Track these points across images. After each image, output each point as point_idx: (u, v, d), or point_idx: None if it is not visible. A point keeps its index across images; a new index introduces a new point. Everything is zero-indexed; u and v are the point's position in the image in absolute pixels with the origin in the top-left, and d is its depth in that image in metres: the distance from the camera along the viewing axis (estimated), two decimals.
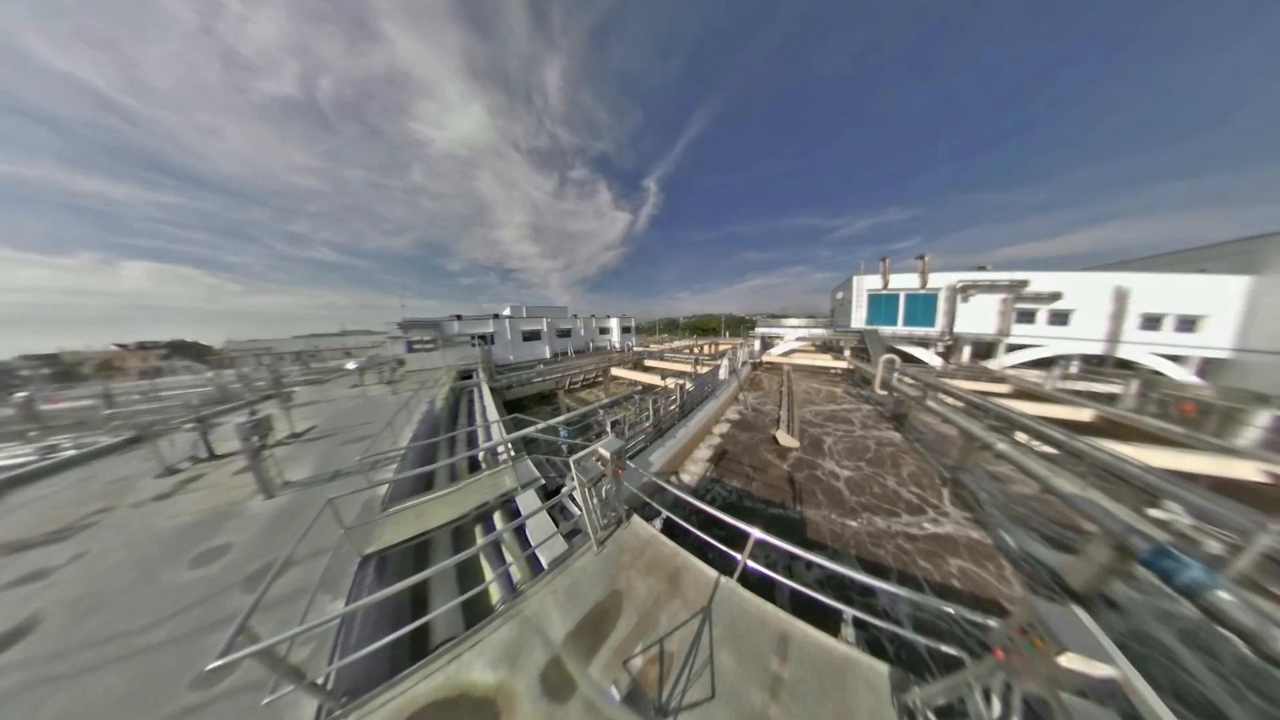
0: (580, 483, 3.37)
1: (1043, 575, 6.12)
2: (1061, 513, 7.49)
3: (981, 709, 1.74)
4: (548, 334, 28.76)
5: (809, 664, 2.54)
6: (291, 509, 4.64)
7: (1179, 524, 5.02)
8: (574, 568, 3.42)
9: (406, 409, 8.79)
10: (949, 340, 22.01)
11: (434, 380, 14.86)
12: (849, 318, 25.63)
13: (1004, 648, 1.65)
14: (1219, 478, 7.88)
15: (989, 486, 9.01)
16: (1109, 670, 1.36)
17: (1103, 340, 18.89)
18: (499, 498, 4.79)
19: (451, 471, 6.30)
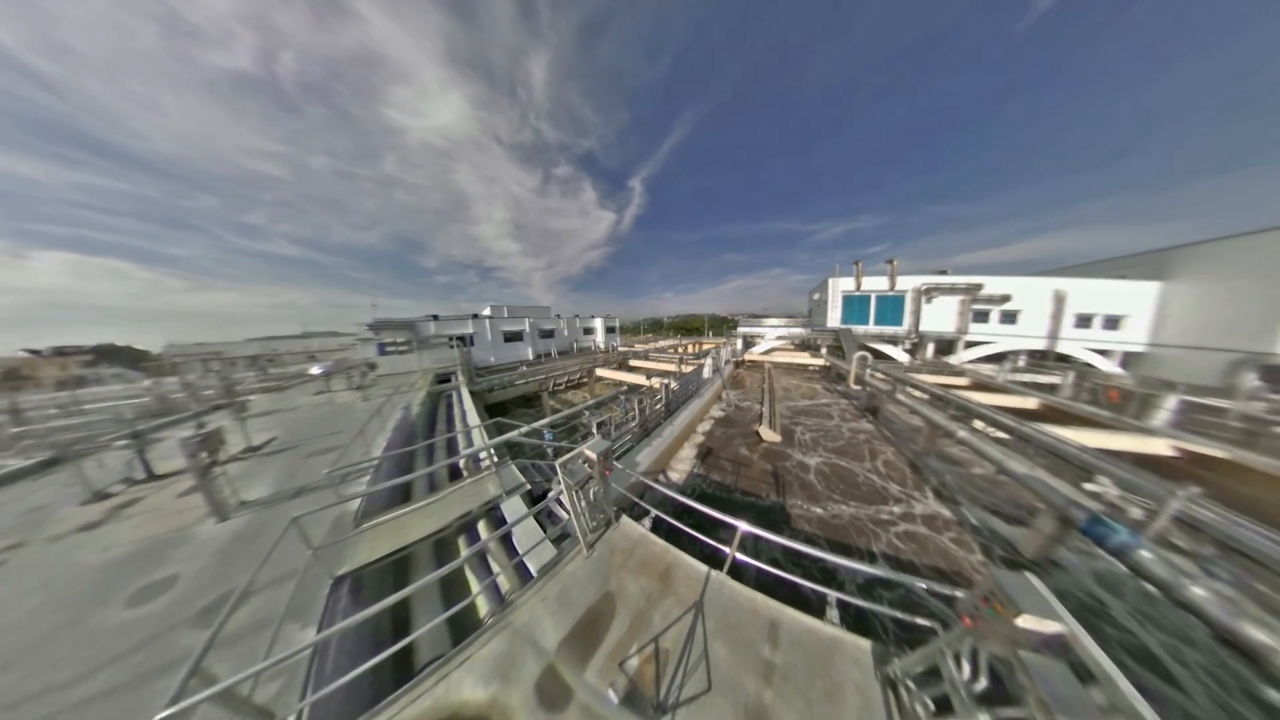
0: (567, 486, 3.31)
1: (1000, 547, 6.73)
2: (1014, 491, 8.24)
3: (954, 673, 1.89)
4: (530, 334, 28.03)
5: (799, 648, 2.64)
6: (250, 531, 4.25)
7: (1109, 495, 5.68)
8: (564, 573, 3.36)
9: (379, 416, 8.27)
10: (915, 338, 23.86)
11: (409, 384, 14.07)
12: (825, 318, 27.11)
13: (970, 615, 1.79)
14: (1139, 454, 8.95)
15: (952, 470, 9.77)
16: (1058, 627, 1.51)
17: (1045, 337, 21.37)
18: (483, 506, 4.62)
19: (431, 481, 6.02)
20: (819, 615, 2.93)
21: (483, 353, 24.62)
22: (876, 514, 7.93)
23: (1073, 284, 20.79)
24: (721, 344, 28.92)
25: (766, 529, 3.16)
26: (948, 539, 7.08)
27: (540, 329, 29.43)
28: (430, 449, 7.52)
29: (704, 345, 36.78)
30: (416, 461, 6.99)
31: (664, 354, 26.90)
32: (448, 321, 23.29)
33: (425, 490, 5.62)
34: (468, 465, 6.30)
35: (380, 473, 5.59)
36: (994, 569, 1.75)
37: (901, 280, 24.30)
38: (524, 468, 6.02)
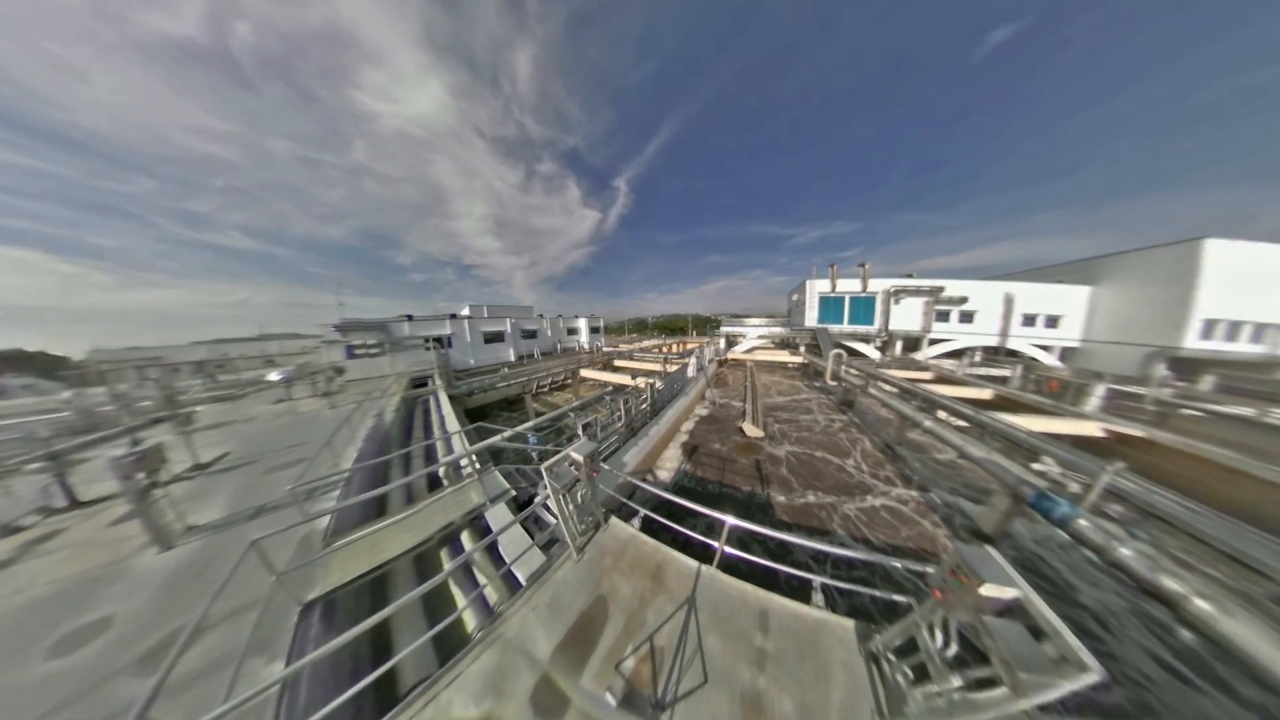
0: (554, 490, 3.24)
1: (963, 524, 7.31)
2: (973, 473, 8.93)
3: (928, 642, 2.05)
4: (512, 335, 27.13)
5: (788, 633, 2.73)
6: (200, 560, 3.85)
7: (1052, 473, 6.33)
8: (554, 579, 3.29)
9: (349, 425, 7.73)
10: (885, 336, 25.50)
11: (381, 390, 13.24)
12: (803, 317, 28.33)
13: (940, 588, 1.94)
14: (1075, 435, 9.98)
15: (919, 456, 10.49)
16: (1015, 592, 1.66)
17: (997, 334, 23.78)
18: (465, 515, 4.44)
19: (408, 492, 5.73)
20: (805, 600, 3.05)
21: (462, 355, 23.60)
22: (854, 501, 8.38)
23: (1020, 287, 23.44)
24: (705, 343, 29.45)
25: (753, 521, 3.25)
26: (918, 520, 7.62)
27: (522, 329, 28.60)
28: (406, 458, 7.14)
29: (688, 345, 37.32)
30: (392, 472, 6.62)
31: (649, 354, 27.00)
32: (423, 322, 22.12)
33: (402, 502, 5.32)
34: (448, 474, 6.04)
35: (351, 486, 5.24)
36: (958, 545, 1.90)
37: (872, 283, 25.98)
38: (508, 473, 5.84)
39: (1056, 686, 1.44)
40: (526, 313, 31.12)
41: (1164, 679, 4.30)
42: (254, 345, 28.46)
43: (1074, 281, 22.58)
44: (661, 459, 10.15)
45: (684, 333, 62.53)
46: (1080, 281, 22.38)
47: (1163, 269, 18.77)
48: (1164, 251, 18.62)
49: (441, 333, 22.42)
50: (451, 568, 2.80)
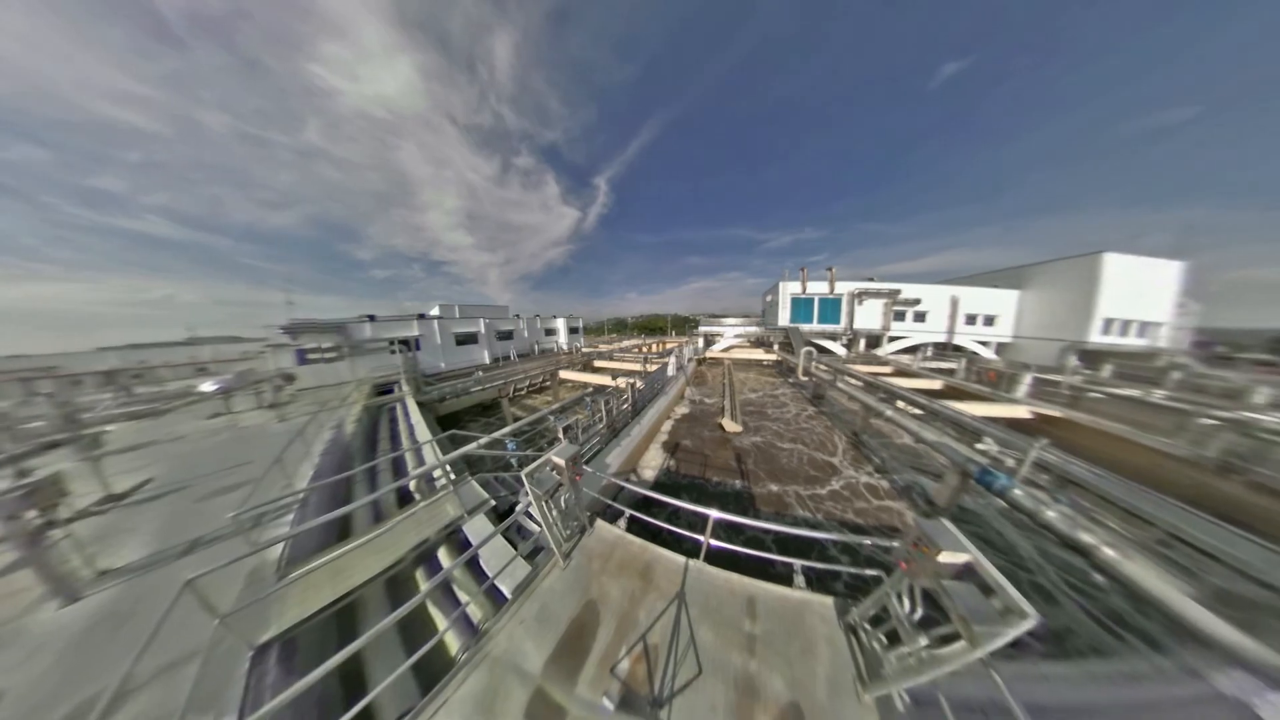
0: (536, 496, 3.13)
1: (922, 501, 8.02)
2: (929, 455, 9.81)
3: (897, 609, 2.23)
4: (486, 336, 25.65)
5: (774, 616, 2.85)
6: (119, 611, 3.30)
7: (992, 451, 7.11)
8: (541, 589, 3.19)
9: (302, 439, 7.01)
10: (850, 335, 27.57)
11: (340, 399, 12.08)
12: (776, 317, 29.95)
13: (905, 559, 2.12)
14: (1010, 418, 11.33)
15: (883, 442, 11.37)
16: (966, 557, 1.86)
17: (945, 332, 26.76)
18: (441, 531, 4.18)
19: (375, 510, 5.29)
20: (788, 583, 3.20)
21: (431, 358, 22.11)
22: (828, 486, 8.93)
23: (963, 291, 26.56)
24: (684, 342, 29.94)
25: (736, 513, 3.37)
26: (883, 500, 8.26)
27: (497, 330, 27.21)
28: (372, 473, 6.57)
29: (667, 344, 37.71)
30: (355, 489, 6.07)
31: (629, 354, 26.96)
32: (388, 323, 20.34)
33: (369, 522, 4.92)
34: (419, 487, 5.65)
35: (308, 508, 4.76)
36: (918, 519, 2.09)
37: (839, 285, 28.18)
38: (486, 482, 5.56)
39: (1004, 634, 1.62)
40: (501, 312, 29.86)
41: (1080, 615, 5.11)
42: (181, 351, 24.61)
43: (1006, 286, 26.03)
44: (645, 458, 10.17)
45: (664, 332, 63.17)
46: (1011, 286, 25.80)
47: (1072, 276, 22.49)
48: (1073, 262, 22.31)
49: (409, 334, 20.83)
50: (429, 588, 2.62)
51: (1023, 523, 6.34)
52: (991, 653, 1.69)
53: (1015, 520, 6.96)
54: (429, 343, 21.94)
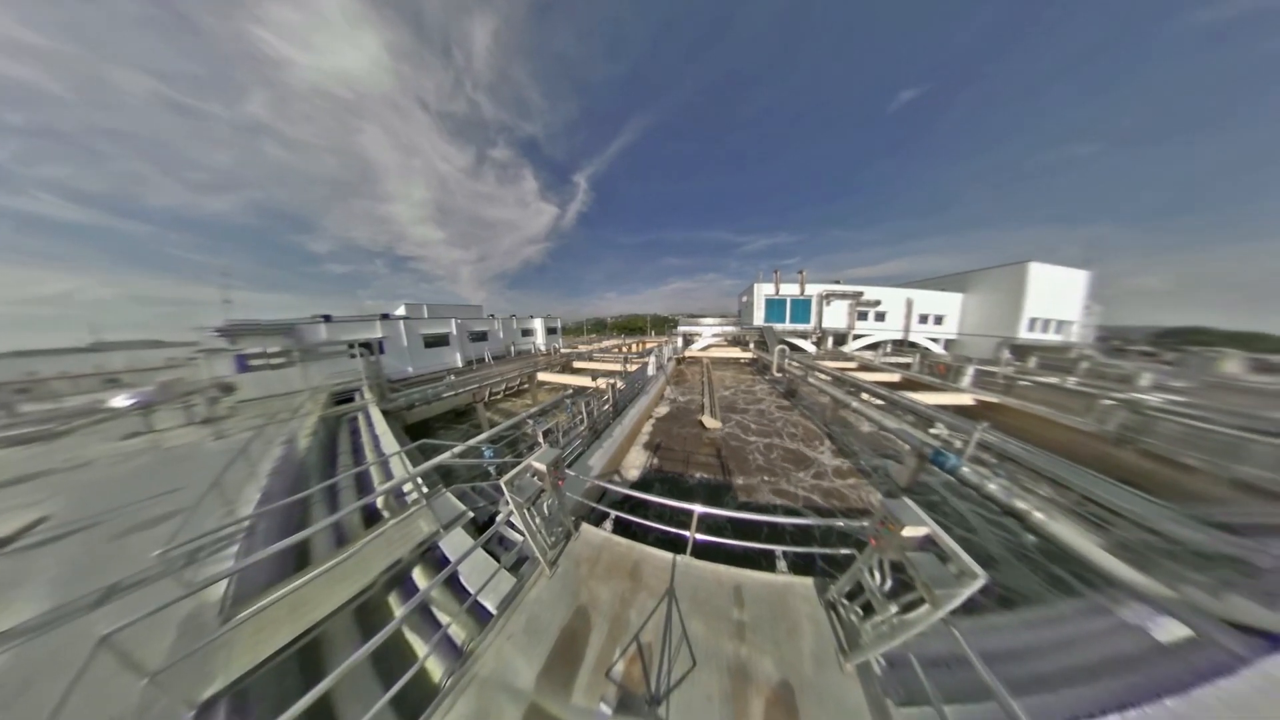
0: (517, 505, 3.01)
1: (886, 482, 8.69)
2: (891, 441, 10.62)
3: (870, 582, 2.41)
4: (458, 338, 23.95)
5: (760, 601, 2.96)
6: (6, 685, 2.75)
7: (943, 435, 7.87)
8: (528, 600, 3.09)
9: (246, 458, 6.21)
10: (819, 333, 29.53)
11: (291, 410, 10.85)
12: (752, 317, 31.48)
13: (874, 536, 2.30)
14: (957, 405, 12.65)
15: (850, 431, 12.21)
16: (926, 529, 2.04)
17: (902, 330, 29.71)
18: (416, 549, 3.90)
19: (338, 533, 4.85)
20: (771, 569, 3.33)
21: (398, 361, 20.46)
22: (802, 474, 9.40)
23: (917, 294, 29.59)
24: (664, 342, 30.24)
25: (719, 506, 3.46)
26: (853, 484, 8.86)
27: (470, 331, 25.62)
28: (332, 491, 5.97)
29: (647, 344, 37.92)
30: (313, 511, 5.51)
31: (609, 354, 26.78)
32: (347, 323, 18.23)
33: (331, 545, 4.48)
34: (388, 503, 5.24)
35: (256, 537, 4.27)
36: (884, 499, 2.29)
37: (809, 287, 30.32)
38: (462, 494, 5.27)
39: (960, 594, 1.81)
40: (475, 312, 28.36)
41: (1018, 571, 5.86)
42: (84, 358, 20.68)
43: (952, 289, 29.64)
44: (628, 458, 10.13)
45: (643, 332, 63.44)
46: (956, 289, 29.49)
47: (1005, 281, 26.22)
48: (1005, 269, 26.05)
49: (371, 336, 19.11)
50: (404, 613, 2.43)
51: (970, 496, 7.08)
52: (950, 612, 1.88)
53: (964, 494, 7.71)
54: (394, 345, 20.33)
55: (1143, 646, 3.11)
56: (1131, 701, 2.39)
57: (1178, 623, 3.22)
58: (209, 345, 13.56)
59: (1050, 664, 2.94)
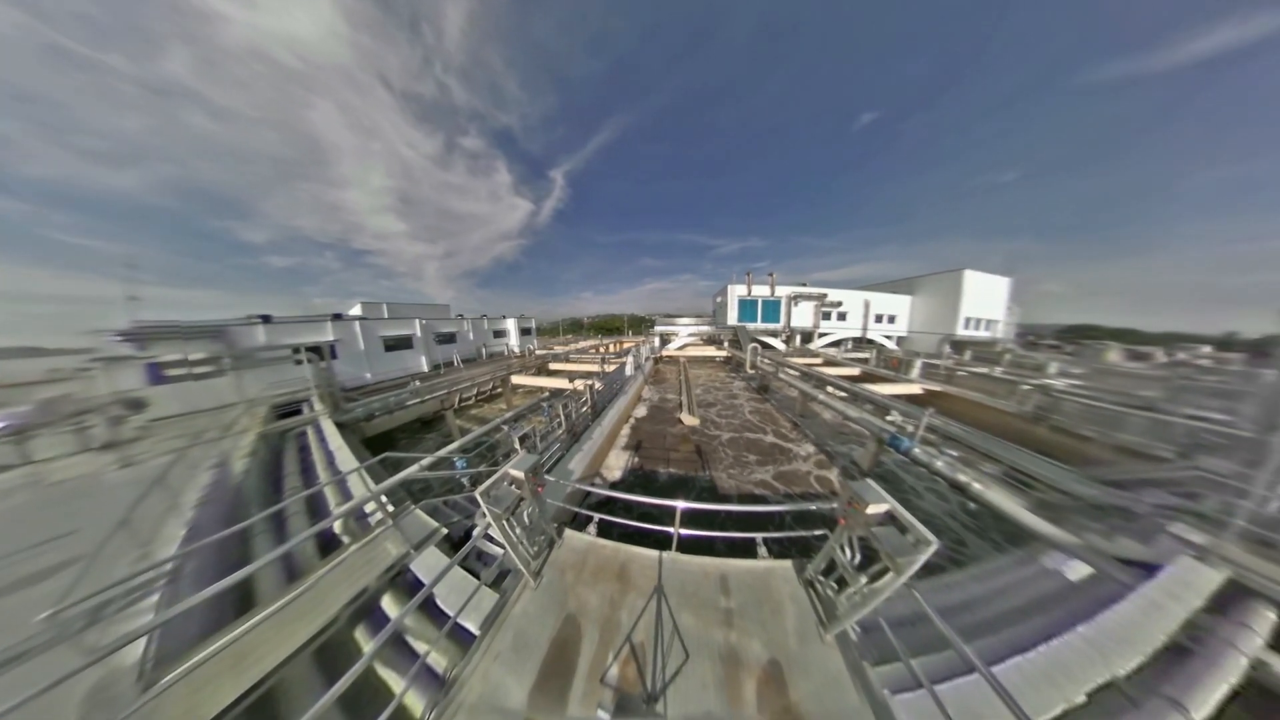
0: (495, 516, 2.86)
1: (851, 466, 9.44)
2: (853, 428, 11.43)
3: (841, 558, 2.61)
4: (423, 340, 21.93)
5: (745, 588, 3.07)
6: None
7: (897, 420, 8.68)
8: (514, 616, 2.96)
9: (164, 488, 5.31)
10: (788, 332, 31.65)
11: (223, 427, 9.44)
12: (726, 317, 32.92)
13: (843, 516, 2.50)
14: (908, 394, 14.07)
15: (817, 422, 13.08)
16: (886, 505, 2.25)
17: (861, 329, 32.89)
18: (383, 575, 3.58)
19: (288, 567, 4.29)
20: (753, 555, 3.47)
21: (353, 367, 18.21)
22: (776, 464, 9.92)
23: (873, 296, 32.85)
24: (641, 342, 30.40)
25: (701, 501, 3.57)
26: (822, 469, 9.50)
27: (437, 332, 23.64)
28: (278, 519, 5.27)
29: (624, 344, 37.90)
30: (255, 544, 4.84)
31: (586, 355, 26.39)
32: (291, 325, 15.81)
33: (280, 582, 3.95)
34: (348, 527, 4.75)
35: (182, 581, 3.70)
36: (849, 481, 2.47)
37: (778, 289, 32.49)
38: (434, 509, 4.90)
39: (918, 560, 2.02)
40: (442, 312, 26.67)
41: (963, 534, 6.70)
42: None
43: (903, 292, 33.40)
44: (609, 460, 10.03)
45: (620, 332, 63.08)
46: (906, 292, 33.31)
47: (944, 286, 30.43)
48: (945, 276, 30.41)
49: (322, 339, 16.91)
50: (374, 648, 2.22)
51: (921, 473, 7.91)
52: (911, 577, 2.09)
53: (916, 472, 8.59)
54: (349, 349, 18.36)
55: (1060, 586, 3.66)
56: (1054, 632, 2.79)
57: (1083, 564, 3.83)
58: (109, 352, 11.24)
59: (992, 610, 3.37)
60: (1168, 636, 2.91)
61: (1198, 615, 3.09)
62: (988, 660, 2.19)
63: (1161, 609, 3.08)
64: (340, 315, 18.96)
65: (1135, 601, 3.13)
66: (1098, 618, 2.93)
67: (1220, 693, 2.63)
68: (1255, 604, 3.16)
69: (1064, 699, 2.42)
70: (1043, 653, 2.64)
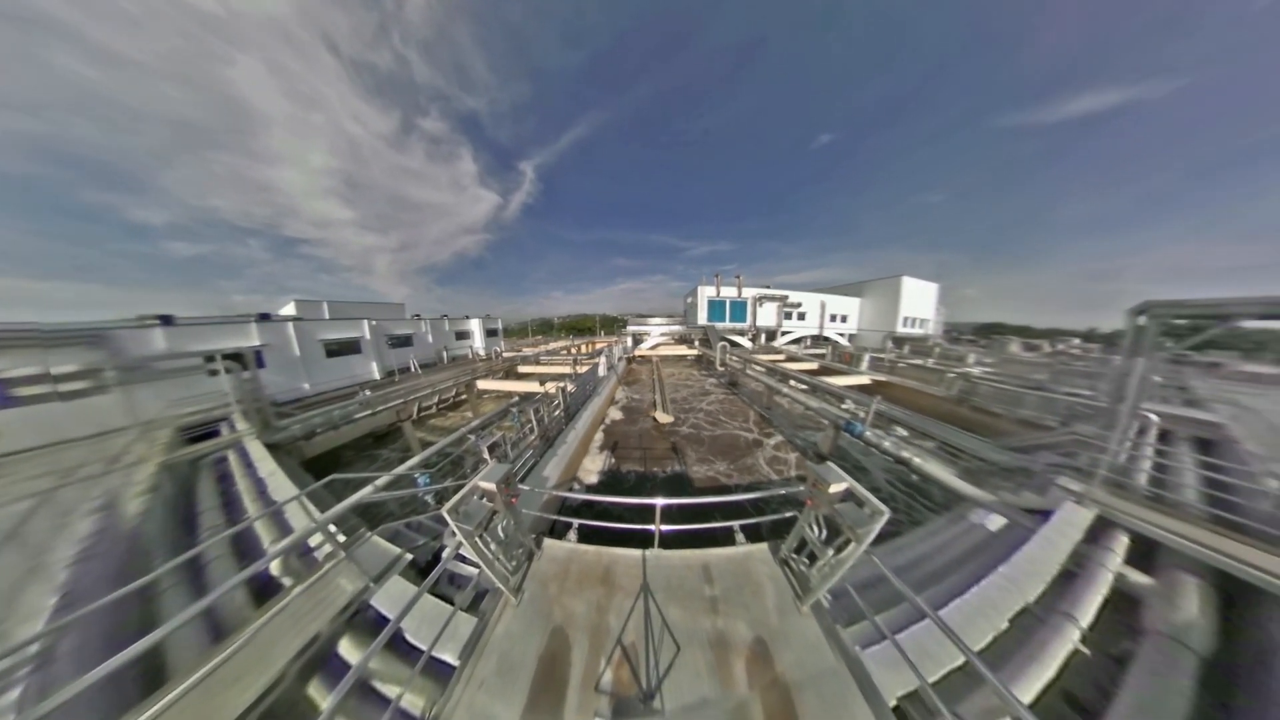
0: (466, 534, 2.64)
1: (814, 451, 10.25)
2: (814, 417, 12.37)
3: (810, 535, 2.84)
4: (373, 343, 19.57)
5: (726, 574, 3.20)
6: None
7: (851, 408, 9.64)
8: (496, 638, 2.79)
9: (17, 544, 4.18)
10: (754, 331, 34.07)
11: (106, 459, 7.58)
12: (696, 317, 34.85)
13: (810, 498, 2.73)
14: (859, 385, 15.67)
15: (782, 413, 14.02)
16: (845, 485, 2.50)
17: (818, 327, 36.65)
18: (338, 617, 3.14)
19: (211, 626, 3.57)
20: (732, 543, 3.62)
21: (287, 377, 15.48)
22: (747, 454, 10.48)
23: (828, 298, 36.73)
24: (614, 342, 30.29)
25: (680, 496, 3.68)
26: (788, 455, 10.23)
27: (390, 335, 21.25)
28: (194, 568, 4.35)
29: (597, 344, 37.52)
30: (162, 602, 3.93)
31: (557, 356, 25.67)
32: (202, 327, 13.19)
33: (204, 643, 3.31)
34: (289, 567, 4.12)
35: (57, 664, 2.95)
36: (813, 465, 2.70)
37: (745, 291, 34.84)
38: (395, 534, 4.45)
39: (874, 529, 2.26)
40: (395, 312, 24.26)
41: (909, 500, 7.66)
42: None
43: (852, 295, 37.76)
44: (585, 463, 9.85)
45: (593, 332, 62.12)
46: (855, 295, 37.73)
47: (887, 290, 35.26)
48: (887, 281, 35.20)
49: (244, 344, 13.81)
50: (334, 703, 1.92)
51: (872, 453, 8.73)
52: (869, 544, 2.33)
53: (868, 452, 9.48)
54: (281, 355, 15.49)
55: (984, 536, 4.32)
56: (982, 575, 3.31)
57: (999, 516, 4.57)
58: None
59: (935, 563, 3.89)
60: (1060, 565, 3.60)
61: (1079, 546, 3.87)
62: (935, 606, 2.54)
63: (1055, 544, 3.80)
64: (269, 315, 16.34)
65: (1037, 541, 3.81)
66: (1012, 558, 3.53)
67: (1097, 603, 3.33)
68: (1115, 532, 4.03)
69: (993, 628, 2.88)
70: (975, 593, 3.12)
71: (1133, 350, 4.55)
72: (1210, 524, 3.83)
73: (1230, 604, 3.37)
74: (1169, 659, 2.91)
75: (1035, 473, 5.26)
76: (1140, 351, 4.51)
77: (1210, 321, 4.23)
